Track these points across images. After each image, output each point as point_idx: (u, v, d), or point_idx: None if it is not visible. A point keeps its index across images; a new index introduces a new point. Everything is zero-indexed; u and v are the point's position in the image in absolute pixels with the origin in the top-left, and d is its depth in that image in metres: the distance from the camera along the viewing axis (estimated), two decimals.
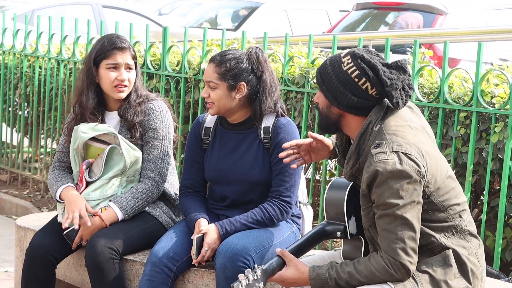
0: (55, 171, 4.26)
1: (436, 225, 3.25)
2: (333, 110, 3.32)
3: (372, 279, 3.19)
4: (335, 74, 3.27)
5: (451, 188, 3.28)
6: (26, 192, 7.57)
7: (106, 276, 3.92)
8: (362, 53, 3.26)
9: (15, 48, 7.53)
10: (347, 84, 3.25)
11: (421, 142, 3.22)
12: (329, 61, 3.32)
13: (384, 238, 3.18)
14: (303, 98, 5.21)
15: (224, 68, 3.89)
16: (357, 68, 3.24)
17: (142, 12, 13.51)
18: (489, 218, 4.75)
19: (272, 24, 12.33)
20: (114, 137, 4.13)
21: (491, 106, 4.43)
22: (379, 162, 3.15)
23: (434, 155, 3.25)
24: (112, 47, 4.14)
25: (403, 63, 3.27)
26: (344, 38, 8.28)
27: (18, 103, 7.66)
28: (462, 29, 8.75)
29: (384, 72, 3.22)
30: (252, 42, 6.17)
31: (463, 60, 9.33)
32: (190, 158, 4.10)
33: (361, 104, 3.26)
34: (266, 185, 3.95)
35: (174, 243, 3.91)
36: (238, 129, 4.01)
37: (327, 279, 3.25)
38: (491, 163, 4.43)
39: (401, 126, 3.24)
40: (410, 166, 3.14)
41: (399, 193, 3.13)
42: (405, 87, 3.26)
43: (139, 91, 4.22)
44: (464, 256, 3.26)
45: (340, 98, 3.27)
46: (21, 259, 4.43)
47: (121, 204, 4.09)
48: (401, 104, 3.25)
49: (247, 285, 3.28)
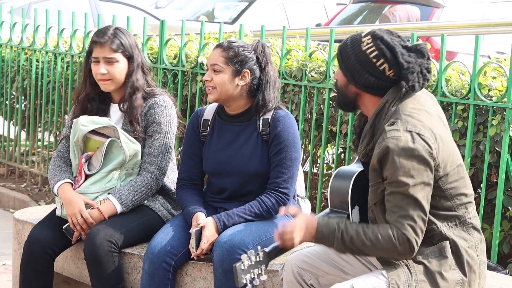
0: (56, 162, 4.26)
1: (440, 213, 3.25)
2: (351, 89, 3.34)
3: (375, 244, 3.19)
4: (354, 53, 3.28)
5: (460, 177, 3.28)
6: (24, 185, 7.57)
7: (105, 269, 3.92)
8: (383, 34, 3.27)
9: (12, 41, 7.53)
10: (365, 64, 3.26)
11: (436, 127, 3.23)
12: (350, 39, 3.33)
13: (393, 214, 3.18)
14: (301, 91, 5.21)
15: (232, 53, 3.91)
16: (376, 49, 3.25)
17: (139, 5, 13.49)
18: (487, 211, 4.75)
19: (269, 17, 12.32)
20: (114, 130, 4.13)
21: (489, 99, 4.43)
22: (391, 138, 3.16)
23: (448, 142, 3.26)
24: (93, 41, 4.20)
25: (422, 47, 3.28)
26: (342, 31, 8.27)
27: (15, 96, 7.65)
28: (459, 22, 8.75)
29: (402, 54, 3.24)
30: (249, 36, 6.17)
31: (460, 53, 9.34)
32: (189, 151, 4.10)
33: (378, 85, 3.28)
34: (265, 177, 3.96)
35: (171, 237, 3.91)
36: (237, 121, 4.02)
37: (335, 229, 3.25)
38: (489, 156, 4.43)
39: (418, 110, 3.26)
40: (422, 146, 3.15)
41: (411, 172, 3.14)
42: (423, 71, 3.27)
43: (136, 84, 4.22)
44: (463, 248, 3.26)
45: (358, 77, 3.29)
46: (19, 252, 4.44)
47: (120, 197, 4.09)
48: (417, 87, 3.27)
49: (250, 266, 3.29)
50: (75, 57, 6.85)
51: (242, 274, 3.28)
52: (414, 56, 3.25)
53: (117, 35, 4.20)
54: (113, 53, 4.18)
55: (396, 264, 3.26)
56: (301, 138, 5.20)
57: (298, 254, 3.62)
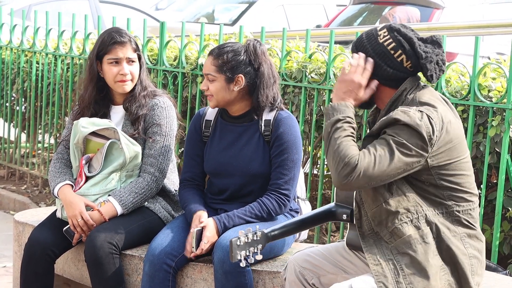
0: (56, 164, 4.26)
1: (428, 196, 3.25)
2: (369, 84, 3.34)
3: (336, 148, 3.17)
4: (371, 46, 3.32)
5: (457, 173, 3.27)
6: (24, 187, 7.57)
7: (106, 271, 3.92)
8: (399, 26, 3.32)
9: (12, 43, 7.53)
10: (383, 56, 3.30)
11: (448, 118, 3.25)
12: (365, 34, 3.37)
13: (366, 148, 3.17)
14: (301, 92, 5.21)
15: (222, 61, 3.90)
16: (394, 41, 3.29)
17: (139, 7, 13.50)
18: (487, 212, 4.76)
19: (269, 18, 12.32)
20: (114, 132, 4.14)
21: (489, 100, 4.43)
22: (401, 111, 3.19)
23: (455, 136, 3.25)
24: (112, 41, 4.15)
25: (438, 38, 3.33)
26: (341, 32, 8.28)
27: (16, 98, 7.65)
28: (459, 23, 8.75)
29: (419, 45, 3.28)
30: (250, 37, 6.17)
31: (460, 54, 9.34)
32: (191, 151, 4.11)
33: (396, 76, 3.31)
34: (266, 178, 3.96)
35: (171, 239, 3.91)
36: (239, 121, 4.02)
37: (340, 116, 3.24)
38: (489, 157, 4.43)
39: (434, 99, 3.29)
40: (427, 127, 3.16)
41: (407, 138, 3.14)
42: (439, 62, 3.31)
43: (144, 83, 4.24)
44: (445, 235, 3.25)
45: (376, 70, 3.31)
46: (19, 254, 4.44)
47: (120, 198, 4.09)
48: (435, 78, 3.30)
49: (246, 243, 3.28)
50: (75, 59, 6.85)
51: (238, 250, 3.26)
52: (431, 47, 3.30)
53: (131, 35, 4.22)
54: (134, 52, 4.19)
55: (382, 263, 3.24)
56: (302, 139, 5.20)
57: (300, 254, 3.63)
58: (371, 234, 3.32)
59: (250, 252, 3.31)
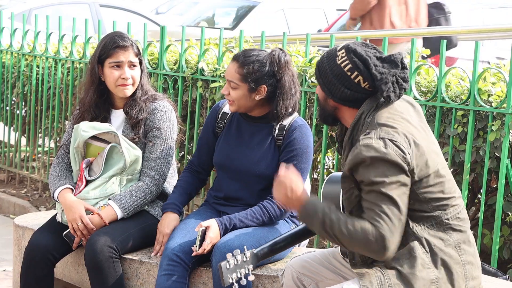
0: (57, 168, 4.26)
1: (415, 214, 3.24)
2: (329, 102, 3.38)
3: (352, 235, 3.15)
4: (330, 67, 3.33)
5: (438, 181, 3.26)
6: (24, 191, 7.57)
7: (106, 275, 3.92)
8: (356, 46, 3.30)
9: (12, 47, 7.53)
10: (340, 77, 3.30)
11: (411, 133, 3.24)
12: (326, 54, 3.38)
13: (370, 212, 3.16)
14: (301, 97, 5.21)
15: (247, 71, 3.91)
16: (350, 62, 3.29)
17: (139, 11, 13.50)
18: (487, 216, 4.76)
19: (270, 23, 12.33)
20: (114, 136, 4.14)
21: (488, 104, 4.44)
22: (364, 145, 3.17)
23: (425, 147, 3.25)
24: (114, 45, 4.16)
25: (396, 57, 3.30)
26: (342, 37, 8.28)
27: (16, 102, 7.66)
28: (459, 27, 8.76)
29: (375, 66, 3.27)
30: (250, 41, 6.18)
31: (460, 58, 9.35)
32: (204, 139, 4.18)
33: (354, 97, 3.31)
34: (269, 181, 3.96)
35: (189, 238, 3.91)
36: (255, 121, 4.05)
37: (321, 209, 3.22)
38: (488, 162, 4.44)
39: (393, 117, 3.27)
40: (395, 151, 3.15)
41: (385, 172, 3.14)
42: (399, 80, 3.30)
43: (145, 87, 4.25)
44: (437, 247, 3.24)
45: (334, 91, 3.32)
46: (19, 258, 4.44)
47: (120, 202, 4.10)
48: (393, 97, 3.29)
49: (235, 266, 3.28)
50: (75, 63, 6.85)
51: (228, 273, 3.26)
52: (388, 67, 3.28)
53: (133, 40, 4.22)
54: (135, 57, 4.20)
55: (369, 271, 3.24)
56: None
57: (298, 260, 3.63)
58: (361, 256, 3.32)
59: (242, 274, 3.30)
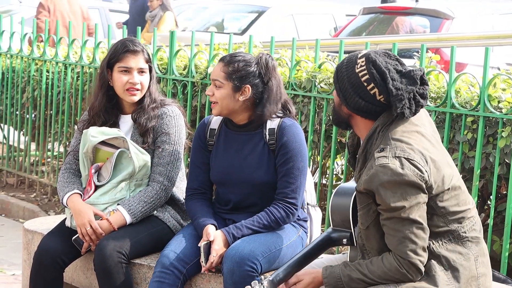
0: (65, 174, 4.27)
1: (432, 230, 3.22)
2: (343, 109, 3.33)
3: (387, 278, 3.19)
4: (348, 75, 3.26)
5: (454, 194, 3.25)
6: (33, 195, 7.59)
7: (115, 280, 3.92)
8: (377, 57, 3.23)
9: (22, 52, 7.56)
10: (356, 87, 3.24)
11: (427, 149, 3.20)
12: (346, 59, 3.31)
13: (392, 238, 3.17)
14: (310, 102, 5.21)
15: (232, 68, 3.91)
16: (368, 73, 3.22)
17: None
18: (496, 223, 4.74)
19: (279, 28, 12.33)
20: (123, 141, 4.14)
21: (498, 110, 4.43)
22: (380, 166, 3.13)
23: (439, 162, 3.22)
24: (124, 50, 4.16)
25: (415, 74, 3.23)
26: (351, 42, 8.28)
27: (26, 106, 7.68)
28: (468, 33, 8.75)
29: (393, 80, 3.20)
30: (259, 47, 6.18)
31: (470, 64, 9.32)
32: (196, 160, 4.10)
33: (369, 108, 3.26)
34: (271, 187, 3.96)
35: (184, 246, 3.91)
36: (243, 130, 4.02)
37: (340, 276, 3.25)
38: (498, 168, 4.42)
39: (408, 132, 3.22)
40: (412, 171, 3.12)
41: (403, 196, 3.12)
42: (416, 97, 3.22)
43: (154, 95, 4.24)
44: (457, 263, 3.22)
45: (349, 99, 3.27)
46: (28, 262, 4.44)
47: (129, 207, 4.10)
48: (408, 114, 3.22)
49: None
50: (85, 67, 6.87)
51: None
52: (406, 83, 3.21)
53: (144, 46, 4.22)
54: (145, 63, 4.20)
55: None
56: (310, 149, 5.20)
57: (306, 267, 3.61)
58: None
59: None
